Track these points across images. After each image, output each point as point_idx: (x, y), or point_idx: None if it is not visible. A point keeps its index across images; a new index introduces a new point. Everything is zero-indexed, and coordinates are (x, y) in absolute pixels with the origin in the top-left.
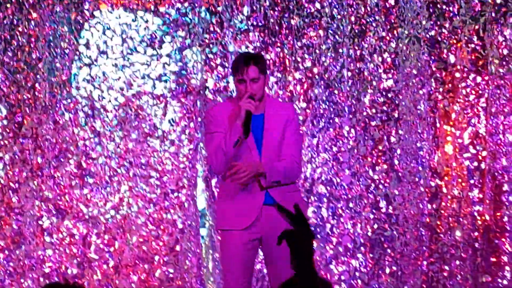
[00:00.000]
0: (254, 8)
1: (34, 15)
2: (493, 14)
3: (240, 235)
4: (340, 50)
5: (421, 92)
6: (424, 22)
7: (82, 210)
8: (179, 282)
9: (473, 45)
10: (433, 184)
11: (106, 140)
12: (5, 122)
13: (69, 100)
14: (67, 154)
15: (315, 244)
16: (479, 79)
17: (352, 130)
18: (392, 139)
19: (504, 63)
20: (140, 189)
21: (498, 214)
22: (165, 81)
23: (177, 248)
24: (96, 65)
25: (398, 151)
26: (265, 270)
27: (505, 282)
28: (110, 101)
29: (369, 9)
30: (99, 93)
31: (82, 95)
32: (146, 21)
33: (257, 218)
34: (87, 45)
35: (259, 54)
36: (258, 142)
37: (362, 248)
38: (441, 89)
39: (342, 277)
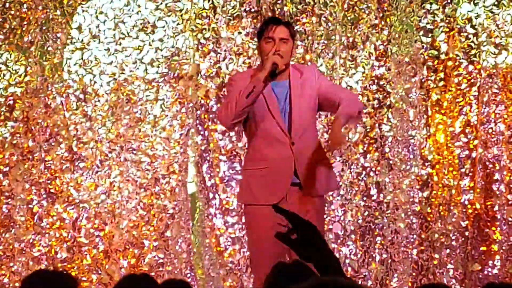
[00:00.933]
0: None
1: None
2: (486, 3)
3: (269, 210)
4: (333, 37)
5: (413, 80)
6: (416, 10)
7: (72, 194)
8: (169, 268)
9: (465, 34)
10: (424, 172)
11: (97, 124)
12: None
13: (60, 84)
14: (58, 138)
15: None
16: (471, 67)
17: None
18: (384, 127)
19: (496, 52)
20: (131, 174)
21: (489, 203)
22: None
23: (168, 233)
24: (88, 49)
25: (390, 139)
26: None
27: (495, 271)
28: (101, 85)
29: None
30: (90, 78)
31: (73, 79)
32: (139, 6)
33: (284, 198)
34: (79, 29)
35: (289, 21)
36: (284, 112)
37: (352, 236)
38: (433, 78)
39: None
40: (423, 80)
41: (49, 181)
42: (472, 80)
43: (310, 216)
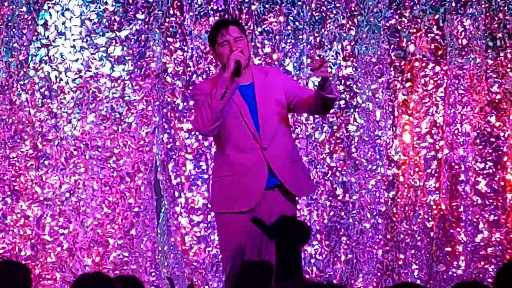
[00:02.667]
0: None
1: None
2: (453, 4)
3: (238, 219)
4: (300, 37)
5: (380, 80)
6: (384, 11)
7: (37, 191)
8: (134, 266)
9: (432, 35)
10: (390, 172)
11: (63, 122)
12: None
13: (26, 81)
14: (23, 135)
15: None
16: (437, 68)
17: (310, 117)
18: (350, 127)
19: (463, 53)
20: (96, 172)
21: (454, 204)
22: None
23: (132, 232)
24: (54, 46)
25: (356, 139)
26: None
27: (459, 271)
28: (67, 82)
29: None
30: (56, 74)
31: (39, 76)
32: (106, 3)
33: (258, 203)
34: (45, 26)
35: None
36: (253, 113)
37: (318, 235)
38: (400, 78)
39: None
40: (390, 81)
41: (13, 178)
42: (439, 81)
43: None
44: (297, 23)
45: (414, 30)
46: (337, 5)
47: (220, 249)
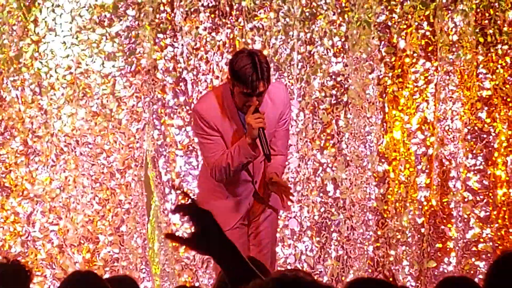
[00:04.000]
0: None
1: None
2: (444, 0)
3: (231, 235)
4: (290, 33)
5: (370, 76)
6: (374, 7)
7: (27, 188)
8: (124, 263)
9: (423, 31)
10: (380, 169)
11: (53, 118)
12: None
13: (16, 77)
14: (13, 132)
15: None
16: (428, 64)
17: (301, 113)
18: (341, 123)
19: (453, 49)
20: (86, 168)
21: (445, 200)
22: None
23: (123, 228)
24: (44, 42)
25: (347, 135)
26: None
27: (450, 268)
28: (57, 79)
29: None
30: (46, 71)
31: (29, 73)
32: None
33: (246, 213)
34: (35, 22)
35: (266, 59)
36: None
37: (308, 232)
38: (390, 74)
39: (288, 260)
40: (380, 77)
41: (3, 175)
42: (429, 77)
43: (267, 223)
44: (287, 19)
45: (405, 26)
46: (328, 1)
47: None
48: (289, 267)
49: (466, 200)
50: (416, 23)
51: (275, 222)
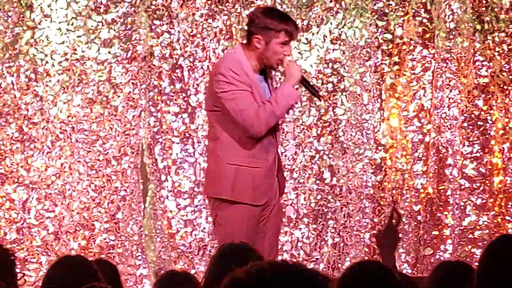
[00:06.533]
0: None
1: None
2: None
3: (256, 211)
4: None
5: (367, 64)
6: None
7: (22, 175)
8: (120, 250)
9: (420, 18)
10: (377, 156)
11: (49, 105)
12: None
13: (11, 64)
14: (9, 118)
15: None
16: (425, 52)
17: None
18: (338, 111)
19: (450, 36)
20: (82, 155)
21: (441, 187)
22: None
23: (119, 215)
24: (40, 28)
25: (343, 123)
26: (207, 240)
27: (446, 255)
28: (53, 65)
29: None
30: (42, 57)
31: (25, 59)
32: None
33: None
34: (30, 8)
35: None
36: None
37: (305, 219)
38: (387, 62)
39: (285, 248)
40: (377, 64)
41: None
42: (426, 65)
43: (276, 211)
44: (284, 6)
45: (402, 13)
46: None
47: (222, 237)
48: (286, 255)
49: (462, 187)
50: (413, 10)
51: (281, 209)
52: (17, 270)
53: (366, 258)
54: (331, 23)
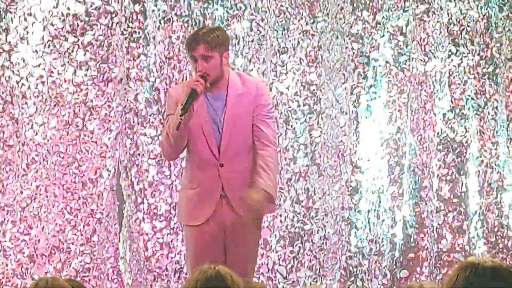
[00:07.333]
0: None
1: None
2: (417, 11)
3: (197, 230)
4: (264, 42)
5: (343, 86)
6: (347, 17)
7: None
8: (96, 273)
9: (396, 41)
10: (353, 178)
11: (24, 127)
12: None
13: None
14: None
15: None
16: (401, 75)
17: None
18: (314, 133)
19: (426, 59)
20: (58, 178)
21: (417, 210)
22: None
23: (94, 238)
24: (16, 51)
25: (320, 145)
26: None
27: (423, 278)
28: (29, 88)
29: (293, 2)
30: (18, 80)
31: (0, 82)
32: (68, 8)
33: (214, 211)
34: (6, 31)
35: (216, 29)
36: (218, 125)
37: (281, 242)
38: (363, 84)
39: (261, 270)
40: (353, 87)
41: None
42: (402, 87)
43: (242, 231)
44: (260, 29)
45: (378, 37)
46: (301, 11)
47: (186, 257)
48: (262, 278)
49: (438, 209)
50: (389, 34)
51: (255, 229)
52: None
53: (343, 280)
54: (307, 46)
